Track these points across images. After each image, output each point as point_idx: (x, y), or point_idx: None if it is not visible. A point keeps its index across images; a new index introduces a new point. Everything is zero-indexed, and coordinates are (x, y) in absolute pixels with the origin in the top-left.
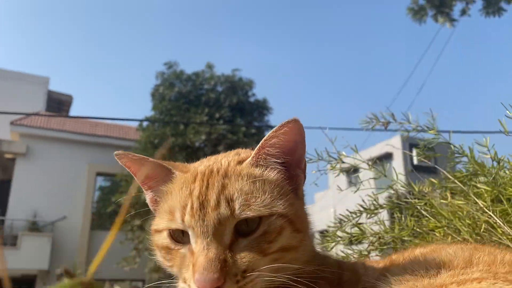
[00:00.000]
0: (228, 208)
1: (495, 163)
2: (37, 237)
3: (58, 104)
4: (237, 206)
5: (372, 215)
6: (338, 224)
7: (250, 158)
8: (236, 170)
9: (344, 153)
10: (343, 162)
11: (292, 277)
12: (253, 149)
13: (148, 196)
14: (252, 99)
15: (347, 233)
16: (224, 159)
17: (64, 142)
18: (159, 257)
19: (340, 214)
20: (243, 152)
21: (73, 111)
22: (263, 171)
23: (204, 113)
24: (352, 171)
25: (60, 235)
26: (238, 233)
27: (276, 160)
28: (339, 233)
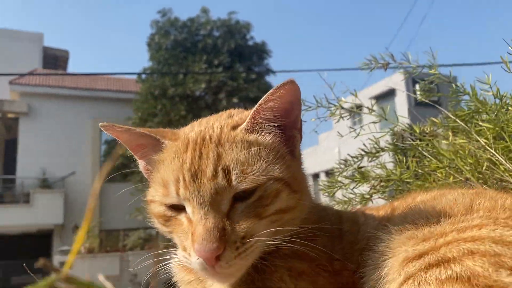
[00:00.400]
0: (225, 179)
1: (497, 100)
2: (49, 193)
3: (54, 60)
4: (233, 177)
5: (374, 159)
6: (339, 169)
7: (245, 124)
8: (230, 136)
9: (343, 98)
10: (342, 108)
11: (289, 238)
12: (246, 109)
13: (141, 165)
14: (250, 43)
15: (348, 177)
16: (216, 123)
17: (65, 99)
18: (157, 224)
19: (341, 159)
20: (236, 114)
21: (70, 67)
22: (258, 136)
23: (203, 60)
24: (353, 115)
25: (71, 190)
26: (234, 199)
27: (272, 124)
28: (340, 178)
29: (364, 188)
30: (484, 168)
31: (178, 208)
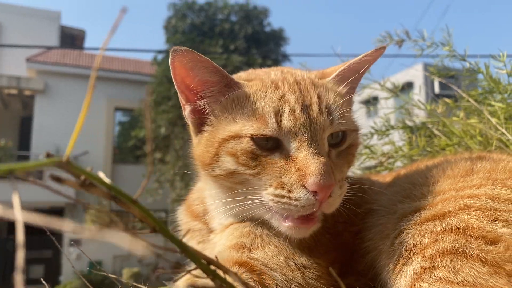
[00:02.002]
0: (329, 117)
1: (511, 80)
2: (62, 171)
3: (71, 39)
4: (336, 117)
5: (384, 136)
6: None
7: (335, 74)
8: (323, 83)
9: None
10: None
11: None
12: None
13: (190, 107)
14: (267, 29)
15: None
16: (294, 72)
17: (81, 78)
18: (234, 164)
19: None
20: (288, 69)
21: (86, 46)
22: (343, 88)
23: (219, 45)
24: (371, 101)
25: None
26: (328, 143)
27: (351, 84)
28: None
29: (372, 163)
30: (493, 147)
31: (267, 148)
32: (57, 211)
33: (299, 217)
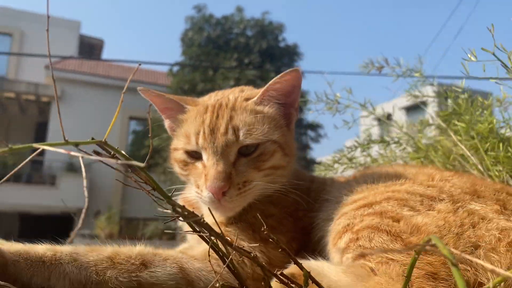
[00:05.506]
0: (234, 135)
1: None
2: (74, 177)
3: (89, 48)
4: (241, 134)
5: (366, 149)
6: (335, 157)
7: (256, 98)
8: (243, 105)
9: (339, 94)
10: (338, 103)
11: (273, 190)
12: (254, 87)
13: (166, 123)
14: (282, 44)
15: (337, 162)
16: (231, 95)
17: (97, 87)
18: (177, 168)
19: (338, 150)
20: (246, 90)
21: (104, 56)
22: (264, 107)
23: (233, 58)
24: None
25: (96, 176)
26: (240, 153)
27: (276, 101)
28: (336, 165)
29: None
30: (450, 160)
31: (195, 157)
32: (68, 217)
33: (212, 206)
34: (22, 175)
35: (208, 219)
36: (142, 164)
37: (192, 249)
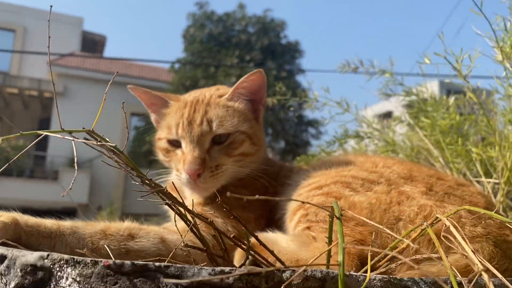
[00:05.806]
0: (208, 126)
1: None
2: (77, 172)
3: (92, 45)
4: (214, 125)
5: (343, 143)
6: (317, 151)
7: (227, 95)
8: (216, 101)
9: (316, 93)
10: (317, 101)
11: (244, 174)
12: (229, 86)
13: (152, 117)
14: (283, 41)
15: (315, 155)
16: (207, 93)
17: (99, 82)
18: (161, 156)
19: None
20: (221, 88)
21: (106, 52)
22: (234, 103)
23: (235, 55)
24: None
25: (97, 171)
26: (214, 142)
27: (245, 97)
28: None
29: None
30: (414, 152)
31: (175, 145)
32: (70, 211)
33: (189, 186)
34: (25, 170)
35: (189, 201)
36: (113, 144)
37: (173, 225)
